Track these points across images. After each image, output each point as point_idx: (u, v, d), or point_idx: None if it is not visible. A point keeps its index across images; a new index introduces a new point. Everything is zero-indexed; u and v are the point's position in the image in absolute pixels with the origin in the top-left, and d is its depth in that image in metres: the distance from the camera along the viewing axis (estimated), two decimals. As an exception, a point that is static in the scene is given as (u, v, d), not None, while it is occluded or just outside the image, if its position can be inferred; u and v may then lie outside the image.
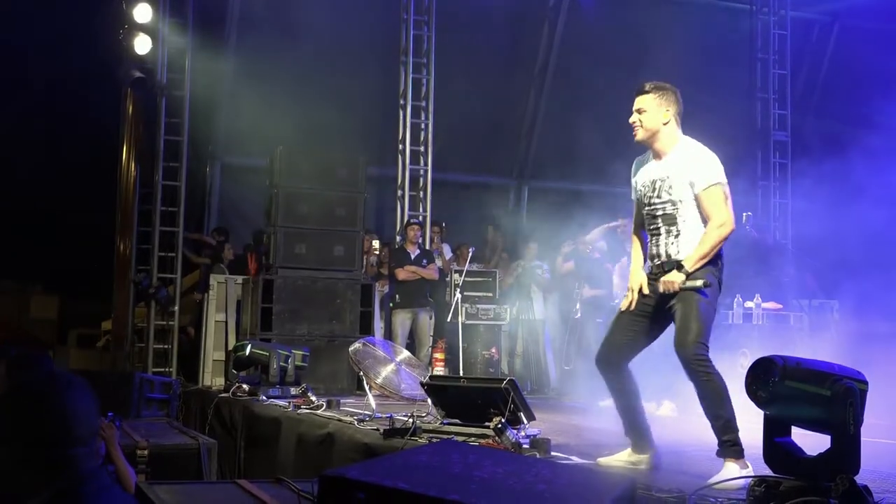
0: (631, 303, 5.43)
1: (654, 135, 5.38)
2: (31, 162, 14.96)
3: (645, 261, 5.59)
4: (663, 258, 5.32)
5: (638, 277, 5.49)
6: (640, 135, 5.41)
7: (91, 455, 2.62)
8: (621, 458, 5.42)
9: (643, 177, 5.53)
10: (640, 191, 5.54)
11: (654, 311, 5.37)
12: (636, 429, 5.44)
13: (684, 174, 5.26)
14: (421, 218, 13.94)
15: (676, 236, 5.29)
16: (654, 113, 5.35)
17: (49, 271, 15.88)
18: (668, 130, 5.36)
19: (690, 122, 5.50)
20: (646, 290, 5.39)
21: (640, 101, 5.40)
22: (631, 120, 5.43)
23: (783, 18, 16.24)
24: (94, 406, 2.67)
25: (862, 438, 3.70)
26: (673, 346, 5.14)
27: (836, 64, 16.66)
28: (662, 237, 5.34)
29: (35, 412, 2.57)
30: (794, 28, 16.27)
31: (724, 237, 5.18)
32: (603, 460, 5.44)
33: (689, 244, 5.23)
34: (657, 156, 5.45)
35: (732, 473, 4.73)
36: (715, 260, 5.22)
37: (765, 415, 3.92)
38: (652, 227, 5.45)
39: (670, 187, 5.30)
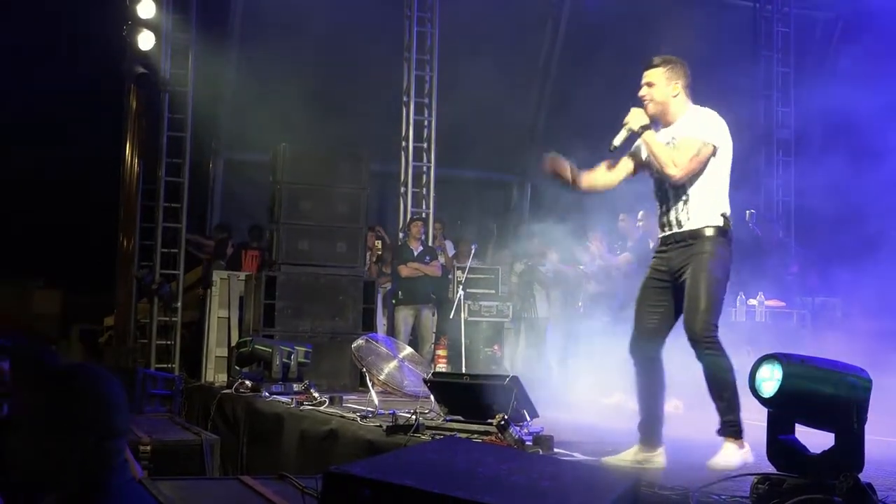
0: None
1: (664, 107, 5.43)
2: (33, 157, 14.97)
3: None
4: (673, 227, 5.33)
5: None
6: (651, 108, 5.43)
7: (123, 449, 2.63)
8: (627, 458, 5.40)
9: None
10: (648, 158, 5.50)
11: (673, 287, 5.32)
12: (651, 423, 5.45)
13: (686, 135, 5.30)
14: (424, 214, 13.94)
15: (686, 202, 5.30)
16: (662, 86, 5.42)
17: (52, 267, 15.90)
18: (677, 102, 5.42)
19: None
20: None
21: (649, 76, 5.47)
22: (640, 94, 5.47)
23: (787, 16, 16.23)
24: (125, 398, 2.69)
25: (866, 436, 3.69)
26: (683, 325, 5.16)
27: (840, 61, 16.64)
28: (671, 202, 5.35)
29: (85, 400, 2.57)
30: (798, 25, 16.25)
31: (669, 173, 5.24)
32: (609, 459, 5.39)
33: (701, 210, 5.24)
34: (666, 126, 5.48)
35: (730, 453, 4.96)
36: (726, 242, 5.24)
37: (768, 412, 3.91)
38: (660, 194, 5.46)
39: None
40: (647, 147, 5.38)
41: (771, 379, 3.73)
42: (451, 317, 12.08)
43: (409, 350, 10.27)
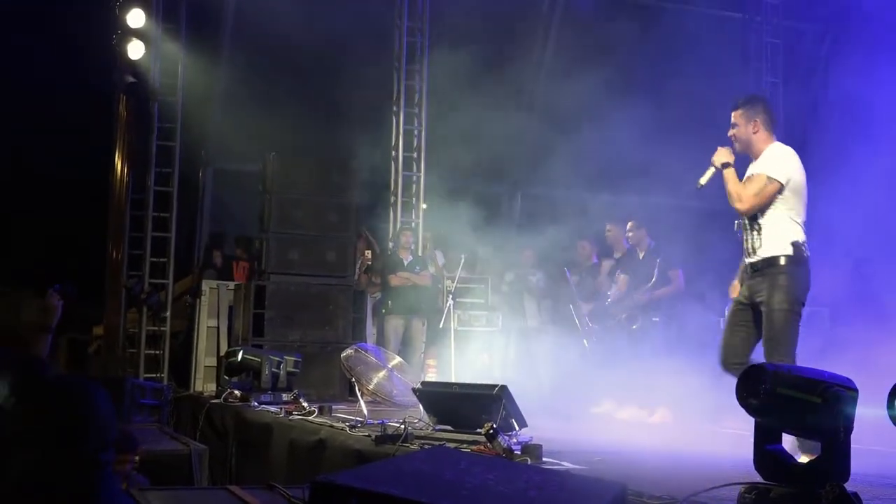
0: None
1: (748, 144, 6.00)
2: (22, 166, 14.93)
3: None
4: (751, 255, 5.88)
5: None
6: (738, 147, 6.04)
7: (111, 460, 2.62)
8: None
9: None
10: None
11: (752, 309, 5.87)
12: None
13: (758, 171, 5.88)
14: (413, 224, 13.94)
15: (759, 231, 5.84)
16: (743, 125, 5.98)
17: (40, 276, 15.84)
18: (758, 138, 5.97)
19: (683, 130, 5.71)
20: (734, 294, 6.16)
21: (733, 117, 6.04)
22: (729, 133, 6.06)
23: (776, 27, 16.29)
24: (114, 410, 2.68)
25: (852, 445, 3.71)
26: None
27: (829, 73, 16.71)
28: (748, 232, 5.90)
29: (73, 412, 2.56)
30: (787, 37, 16.31)
31: (736, 206, 5.90)
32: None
33: (772, 239, 5.77)
34: (755, 160, 6.03)
35: None
36: (797, 269, 5.74)
37: (755, 422, 3.93)
38: (743, 223, 6.00)
39: None
40: (724, 182, 5.96)
41: (758, 389, 3.75)
42: (440, 326, 12.08)
43: (398, 360, 10.28)
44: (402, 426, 6.15)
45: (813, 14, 16.47)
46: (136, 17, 12.44)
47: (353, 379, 8.81)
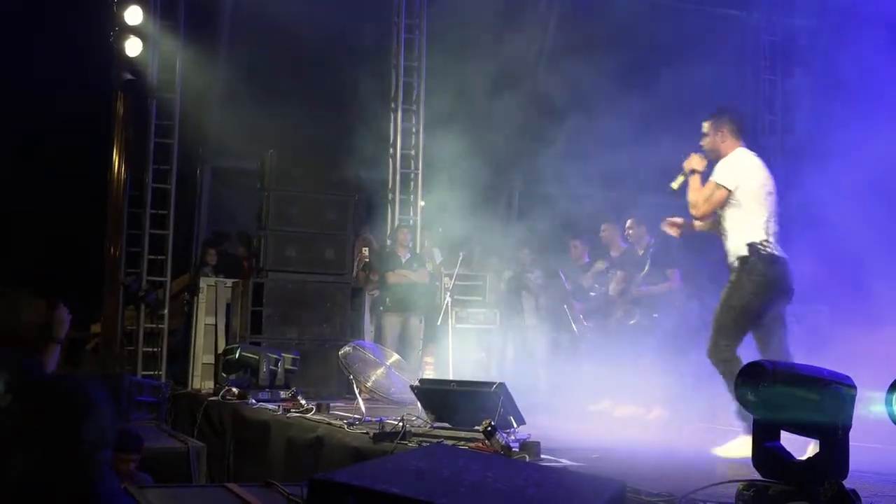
0: None
1: (715, 152, 6.34)
2: (19, 164, 14.91)
3: None
4: (726, 257, 6.24)
5: None
6: (709, 155, 6.38)
7: (109, 459, 2.61)
8: (738, 448, 5.74)
9: None
10: None
11: None
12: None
13: (711, 178, 6.23)
14: (411, 221, 13.93)
15: (726, 235, 6.21)
16: (712, 135, 6.35)
17: (38, 274, 15.83)
18: (725, 146, 6.32)
19: (679, 128, 5.76)
20: None
21: (703, 127, 6.41)
22: (700, 143, 6.41)
23: (773, 24, 16.29)
24: (113, 409, 2.67)
25: (850, 443, 3.70)
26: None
27: (826, 69, 16.71)
28: (722, 236, 6.27)
29: (70, 412, 2.55)
30: (785, 34, 16.31)
31: (692, 213, 6.34)
32: (719, 450, 5.92)
33: (734, 242, 6.13)
34: None
35: (738, 444, 5.72)
36: (751, 270, 6.02)
37: (754, 419, 3.92)
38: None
39: None
40: (688, 189, 6.32)
41: (757, 386, 3.74)
42: (438, 324, 12.06)
43: (396, 357, 10.26)
44: (400, 424, 6.15)
45: (811, 12, 16.46)
46: (133, 14, 12.43)
47: (351, 376, 8.79)
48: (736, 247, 6.10)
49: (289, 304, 11.04)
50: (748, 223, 6.08)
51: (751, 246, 6.02)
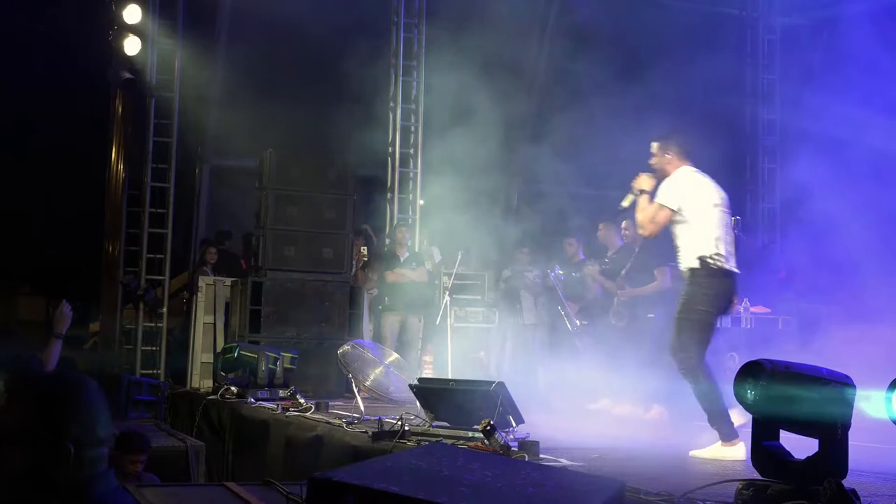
0: None
1: (662, 172, 6.61)
2: (18, 163, 14.91)
3: None
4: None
5: None
6: (657, 174, 6.63)
7: (105, 456, 2.60)
8: (714, 452, 6.06)
9: None
10: None
11: None
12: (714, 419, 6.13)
13: (656, 199, 6.51)
14: (410, 220, 13.92)
15: (678, 250, 6.49)
16: (660, 155, 6.64)
17: (36, 273, 15.84)
18: (671, 166, 6.59)
19: (678, 126, 5.78)
20: None
21: (652, 148, 6.69)
22: (649, 162, 6.69)
23: (772, 23, 16.29)
24: (108, 406, 2.66)
25: (850, 442, 3.71)
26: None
27: (826, 68, 16.71)
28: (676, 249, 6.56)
29: (63, 410, 2.54)
30: (784, 33, 16.32)
31: (640, 233, 6.87)
32: (695, 452, 6.13)
33: (685, 255, 6.41)
34: None
35: (713, 449, 6.00)
36: (702, 281, 6.29)
37: (753, 418, 3.92)
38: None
39: None
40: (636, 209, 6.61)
41: (755, 385, 3.75)
42: (437, 323, 12.05)
43: (395, 356, 10.24)
44: (399, 423, 6.15)
45: (810, 11, 16.46)
46: (132, 13, 12.42)
47: (350, 375, 8.78)
48: (687, 260, 6.39)
49: (288, 302, 11.03)
50: (698, 238, 6.35)
51: (701, 260, 6.30)
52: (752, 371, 3.78)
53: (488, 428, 5.44)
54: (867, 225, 10.21)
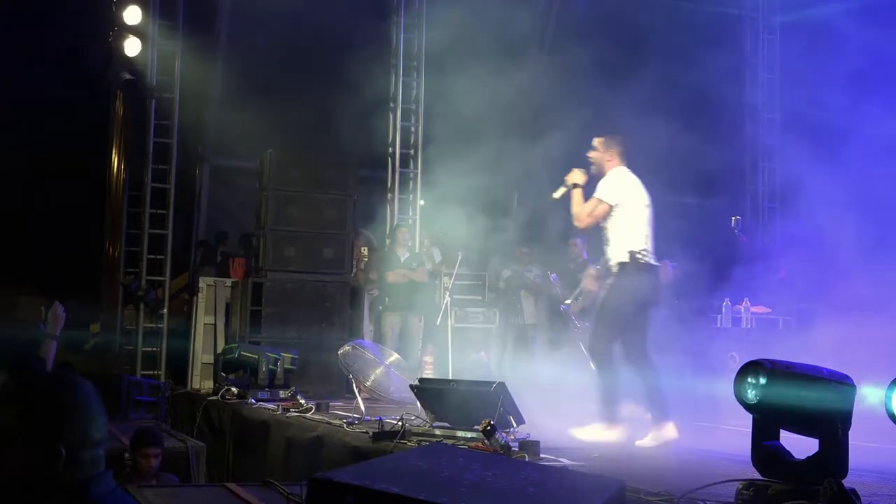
0: None
1: (600, 168, 7.07)
2: (18, 164, 14.92)
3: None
4: (607, 262, 7.05)
5: None
6: (593, 168, 7.09)
7: (101, 458, 2.59)
8: (594, 432, 6.62)
9: None
10: None
11: None
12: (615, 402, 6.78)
13: (594, 194, 6.99)
14: (411, 221, 13.92)
15: (608, 243, 6.97)
16: (602, 151, 7.08)
17: (37, 273, 15.85)
18: (609, 164, 7.04)
19: (679, 126, 5.80)
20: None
21: (594, 142, 7.14)
22: (588, 154, 7.15)
23: (773, 24, 16.29)
24: (103, 408, 2.65)
25: (850, 442, 3.71)
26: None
27: (825, 69, 16.69)
28: (604, 244, 7.02)
29: (56, 412, 2.53)
30: (784, 33, 16.31)
31: (575, 224, 7.12)
32: (575, 431, 6.59)
33: (615, 249, 6.87)
34: None
35: (593, 429, 6.63)
36: (631, 274, 6.78)
37: (753, 418, 3.92)
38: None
39: None
40: (571, 202, 7.03)
41: (756, 385, 3.75)
42: (437, 323, 12.05)
43: (395, 356, 10.25)
44: (400, 423, 6.15)
45: (810, 11, 16.43)
46: (132, 14, 12.42)
47: (351, 376, 8.79)
48: (617, 254, 6.85)
49: (288, 303, 11.03)
50: (629, 234, 6.82)
51: (631, 254, 6.77)
52: (752, 371, 3.78)
53: (489, 428, 5.45)
54: (866, 222, 10.19)
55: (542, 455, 5.56)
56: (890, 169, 10.18)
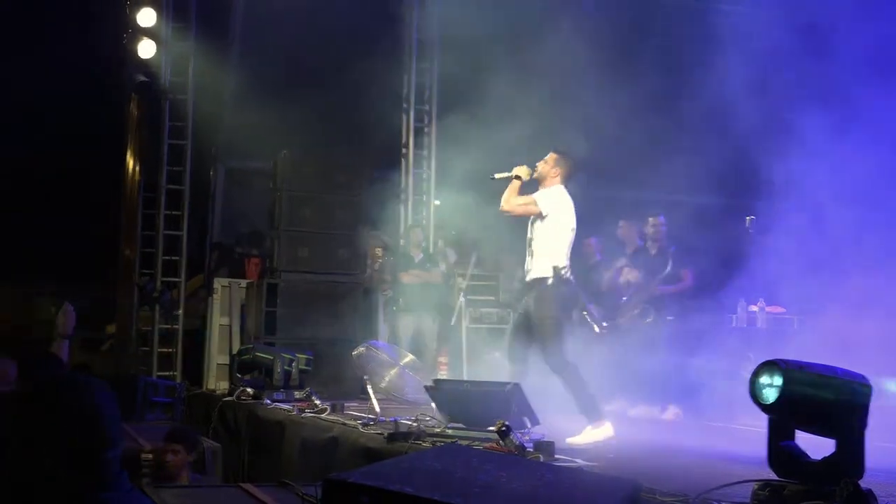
0: None
1: (543, 179, 7.29)
2: (35, 165, 14.98)
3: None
4: (526, 273, 7.25)
5: None
6: (535, 174, 7.30)
7: (118, 459, 2.60)
8: (587, 436, 6.63)
9: None
10: None
11: (527, 315, 7.19)
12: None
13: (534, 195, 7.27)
14: (424, 221, 13.92)
15: (532, 256, 7.18)
16: (551, 165, 7.29)
17: (53, 274, 15.92)
18: (552, 179, 7.27)
19: (685, 123, 5.81)
20: None
21: (549, 154, 7.39)
22: (537, 163, 7.35)
23: (792, 20, 16.20)
24: (118, 409, 2.66)
25: (866, 442, 3.69)
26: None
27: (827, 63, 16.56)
28: (527, 254, 7.25)
29: (72, 414, 2.54)
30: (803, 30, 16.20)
31: (501, 205, 7.36)
32: (571, 440, 6.53)
33: (539, 263, 7.05)
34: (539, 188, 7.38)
35: (584, 434, 6.57)
36: (556, 287, 6.98)
37: (768, 418, 3.91)
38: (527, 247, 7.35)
39: None
40: (507, 188, 7.29)
41: (771, 385, 3.73)
42: (452, 324, 12.05)
43: (410, 357, 10.26)
44: (415, 424, 6.16)
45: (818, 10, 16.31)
46: (146, 17, 12.48)
47: (365, 376, 8.80)
48: (541, 267, 7.04)
49: (302, 304, 11.05)
50: (554, 249, 7.05)
51: (555, 269, 6.98)
52: (767, 371, 3.77)
53: (503, 429, 5.45)
54: (878, 216, 10.12)
55: (556, 456, 5.56)
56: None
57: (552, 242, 7.12)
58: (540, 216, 7.13)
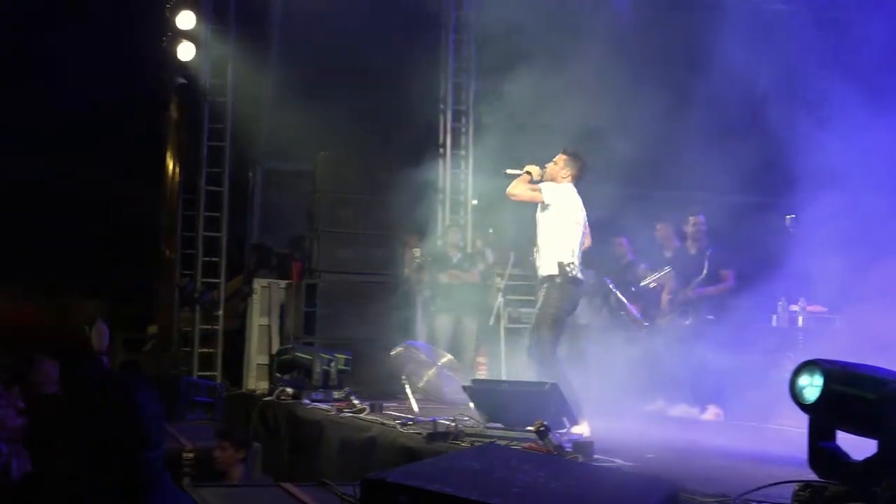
0: None
1: (551, 178, 7.37)
2: (78, 168, 15.15)
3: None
4: (536, 271, 7.45)
5: None
6: (545, 174, 7.40)
7: (160, 458, 2.62)
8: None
9: None
10: None
11: None
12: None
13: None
14: (462, 222, 13.92)
15: (538, 253, 7.33)
16: (560, 167, 7.41)
17: (95, 275, 16.09)
18: (559, 180, 7.37)
19: (721, 120, 5.82)
20: None
21: (559, 155, 7.49)
22: (546, 165, 7.45)
23: (821, 19, 16.03)
24: (162, 409, 2.68)
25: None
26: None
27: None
28: (534, 252, 7.40)
29: (114, 413, 2.57)
30: (836, 29, 16.03)
31: (508, 191, 7.47)
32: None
33: (546, 261, 7.21)
34: None
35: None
36: (561, 284, 7.13)
37: (809, 419, 3.88)
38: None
39: None
40: (518, 179, 7.40)
41: (811, 385, 3.70)
42: (490, 324, 12.03)
43: (448, 357, 10.27)
44: (453, 424, 6.17)
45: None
46: (186, 19, 12.59)
47: (404, 376, 8.82)
48: (547, 263, 7.18)
49: (341, 304, 11.09)
50: (559, 245, 7.16)
51: (560, 265, 7.09)
52: (808, 371, 3.74)
53: (542, 429, 5.44)
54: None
55: (596, 456, 5.54)
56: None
57: (556, 237, 7.21)
58: (543, 206, 7.23)
